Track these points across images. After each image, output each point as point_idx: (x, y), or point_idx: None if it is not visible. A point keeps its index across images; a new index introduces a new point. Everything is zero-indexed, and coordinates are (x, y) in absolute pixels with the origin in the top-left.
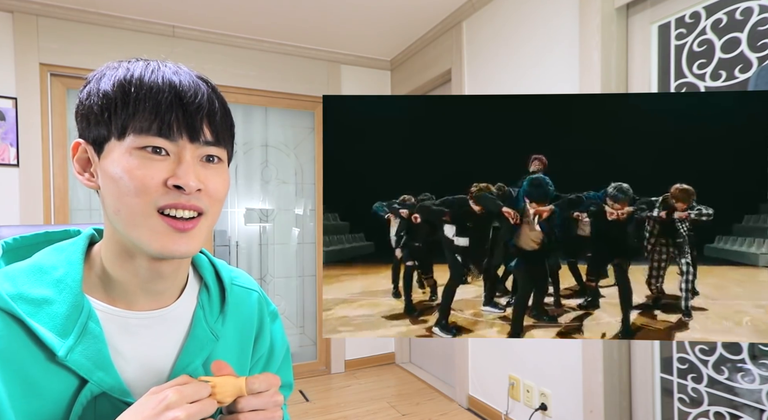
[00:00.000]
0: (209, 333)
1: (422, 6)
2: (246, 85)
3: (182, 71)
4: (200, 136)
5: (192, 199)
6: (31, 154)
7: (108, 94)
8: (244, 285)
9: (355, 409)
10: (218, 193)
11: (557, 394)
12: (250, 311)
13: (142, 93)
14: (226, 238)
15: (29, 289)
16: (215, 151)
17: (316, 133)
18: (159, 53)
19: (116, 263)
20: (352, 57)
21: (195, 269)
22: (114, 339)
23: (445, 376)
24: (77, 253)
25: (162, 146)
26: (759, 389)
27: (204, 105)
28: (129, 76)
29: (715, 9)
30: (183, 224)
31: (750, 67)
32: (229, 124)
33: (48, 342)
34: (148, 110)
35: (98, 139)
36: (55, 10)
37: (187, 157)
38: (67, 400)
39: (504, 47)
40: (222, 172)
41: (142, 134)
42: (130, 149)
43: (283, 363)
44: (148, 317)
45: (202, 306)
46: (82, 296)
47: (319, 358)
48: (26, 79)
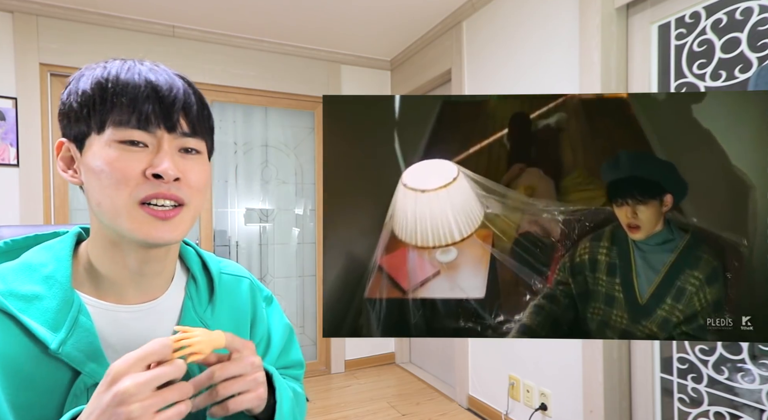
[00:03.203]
0: (199, 322)
1: (422, 6)
2: (246, 85)
3: (159, 69)
4: (177, 127)
5: (172, 188)
6: (31, 154)
7: (86, 93)
8: (234, 273)
9: (355, 409)
10: (198, 183)
11: (557, 394)
12: (243, 299)
13: (119, 88)
14: (226, 238)
15: (19, 286)
16: (193, 142)
17: (316, 133)
18: (159, 53)
19: (104, 257)
20: (352, 57)
21: (182, 262)
22: (105, 332)
23: (445, 376)
24: (65, 250)
25: (140, 139)
26: (759, 389)
27: (180, 98)
28: (106, 74)
29: (715, 9)
30: (164, 213)
31: (750, 67)
32: (207, 117)
33: (40, 335)
34: (126, 104)
35: (79, 135)
36: (55, 10)
37: (165, 146)
38: (61, 392)
39: (504, 47)
40: (202, 163)
41: (120, 127)
42: (109, 142)
43: (287, 344)
44: (137, 310)
45: (190, 297)
46: (71, 291)
47: (319, 358)
48: (26, 79)
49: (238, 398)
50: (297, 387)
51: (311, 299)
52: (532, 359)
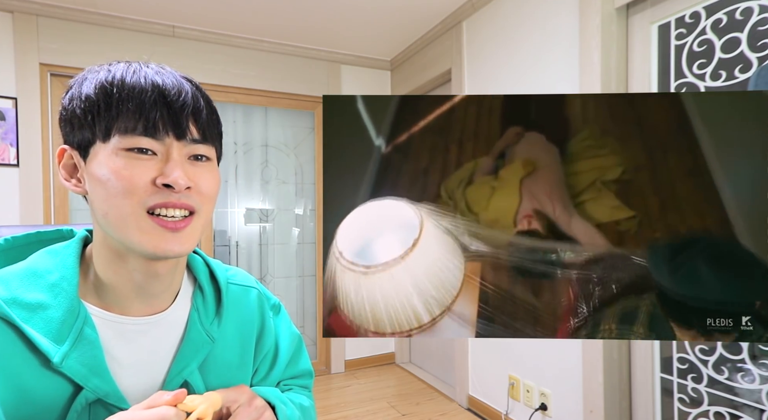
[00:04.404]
0: (204, 335)
1: (422, 6)
2: (246, 85)
3: (165, 71)
4: (187, 134)
5: (182, 197)
6: (31, 154)
7: (90, 97)
8: (242, 283)
9: (355, 409)
10: (209, 190)
11: (557, 394)
12: (250, 309)
13: (124, 93)
14: (226, 238)
15: (23, 293)
16: (203, 149)
17: (316, 133)
18: (159, 53)
19: (109, 269)
20: (352, 57)
21: (189, 271)
22: (110, 345)
23: (445, 376)
24: (72, 257)
25: (148, 147)
26: (759, 389)
27: (189, 103)
28: (110, 77)
29: (715, 9)
30: (174, 224)
31: (750, 67)
32: (216, 122)
33: (43, 348)
34: (132, 110)
35: (83, 142)
36: (55, 10)
37: (174, 155)
38: (61, 407)
39: (504, 47)
40: (212, 170)
41: (127, 134)
42: (116, 150)
43: (295, 354)
44: (144, 323)
45: (196, 308)
46: (78, 301)
47: (319, 358)
48: (26, 79)
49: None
50: (305, 400)
51: (311, 299)
52: (532, 359)
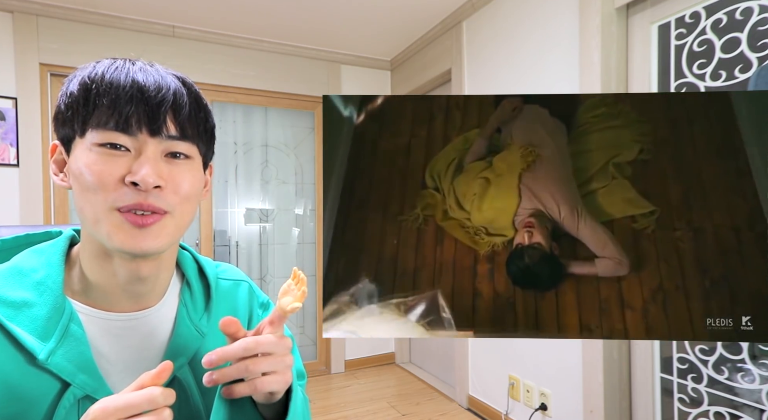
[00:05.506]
0: (194, 330)
1: (422, 6)
2: (246, 85)
3: (150, 69)
4: (162, 129)
5: (150, 197)
6: (31, 154)
7: (72, 93)
8: (232, 277)
9: (355, 409)
10: (184, 190)
11: (557, 394)
12: (241, 303)
13: (102, 89)
14: (226, 238)
15: (8, 291)
16: (182, 146)
17: (316, 133)
18: (159, 53)
19: (94, 265)
20: (352, 57)
21: (178, 267)
22: (97, 341)
23: (445, 376)
24: (57, 255)
25: (121, 142)
26: (759, 389)
27: (168, 99)
28: (92, 74)
29: (715, 9)
30: (142, 219)
31: (750, 67)
32: (203, 120)
33: (28, 345)
34: (107, 105)
35: (65, 138)
36: (55, 10)
37: (147, 152)
38: (49, 404)
39: (504, 47)
40: (191, 169)
41: (100, 129)
42: (90, 145)
43: None
44: (131, 319)
45: (184, 304)
46: (63, 298)
47: (319, 358)
48: (26, 79)
49: (266, 378)
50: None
51: (311, 299)
52: (532, 359)
